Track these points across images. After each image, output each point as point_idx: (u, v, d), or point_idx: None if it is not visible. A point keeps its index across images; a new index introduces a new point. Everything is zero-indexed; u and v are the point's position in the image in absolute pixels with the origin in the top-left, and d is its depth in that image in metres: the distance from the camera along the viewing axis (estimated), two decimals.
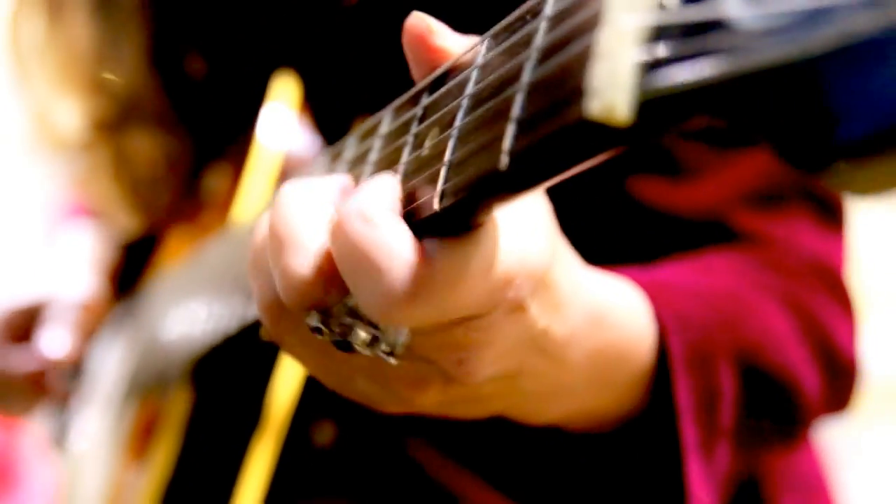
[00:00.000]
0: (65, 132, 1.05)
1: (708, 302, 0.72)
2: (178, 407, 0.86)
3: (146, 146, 1.04)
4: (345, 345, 0.51)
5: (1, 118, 1.38)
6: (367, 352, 0.50)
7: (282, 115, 0.90)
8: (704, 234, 0.81)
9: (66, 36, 1.02)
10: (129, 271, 1.19)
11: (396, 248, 0.46)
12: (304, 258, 0.50)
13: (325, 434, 0.87)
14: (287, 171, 0.88)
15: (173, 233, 1.12)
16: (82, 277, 1.17)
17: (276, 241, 0.51)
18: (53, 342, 1.11)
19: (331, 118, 0.91)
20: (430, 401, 0.56)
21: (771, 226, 0.81)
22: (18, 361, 1.11)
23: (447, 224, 0.47)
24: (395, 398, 0.56)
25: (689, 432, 0.68)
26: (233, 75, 1.01)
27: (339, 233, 0.48)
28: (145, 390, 0.99)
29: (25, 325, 1.14)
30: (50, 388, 1.13)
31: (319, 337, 0.51)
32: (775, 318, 0.76)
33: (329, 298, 0.50)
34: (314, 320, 0.51)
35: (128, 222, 1.09)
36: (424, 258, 0.46)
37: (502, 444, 0.82)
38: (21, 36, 1.05)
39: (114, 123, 1.04)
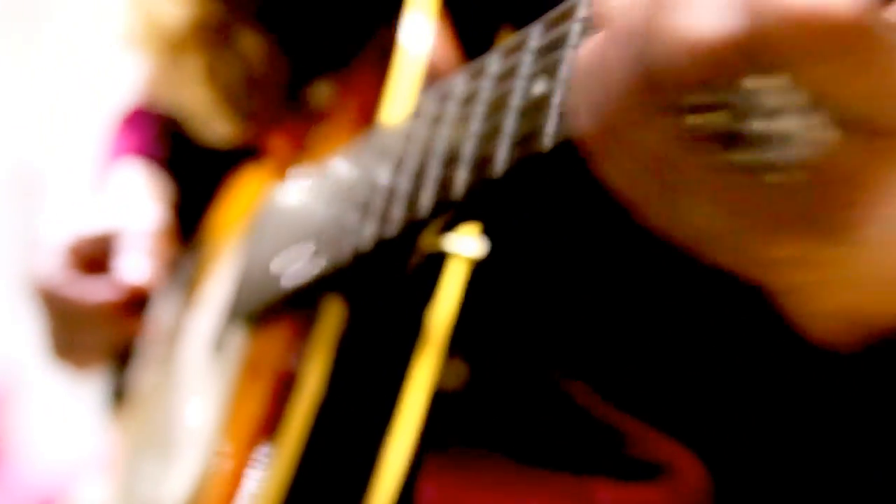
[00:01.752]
0: (168, 29, 0.99)
1: None
2: (329, 324, 0.79)
3: (247, 49, 0.98)
4: (732, 139, 0.40)
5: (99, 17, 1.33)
6: (754, 156, 0.41)
7: (421, 23, 0.83)
8: None
9: None
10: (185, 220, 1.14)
11: None
12: (704, 13, 0.40)
13: (454, 376, 0.79)
14: (431, 81, 0.81)
15: (250, 169, 1.06)
16: (148, 208, 1.10)
17: None
18: (133, 267, 1.03)
19: (473, 28, 0.84)
20: (787, 254, 0.45)
21: None
22: (94, 289, 1.04)
23: None
24: (743, 240, 0.45)
25: None
26: None
27: None
28: (264, 314, 0.91)
29: (94, 255, 1.07)
30: (129, 321, 1.06)
31: (694, 122, 0.41)
32: None
33: (731, 70, 0.40)
34: (702, 98, 0.41)
35: (221, 129, 1.02)
36: None
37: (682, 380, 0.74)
38: None
39: (217, 24, 0.98)
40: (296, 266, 0.86)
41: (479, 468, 0.77)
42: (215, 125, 1.02)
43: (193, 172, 1.14)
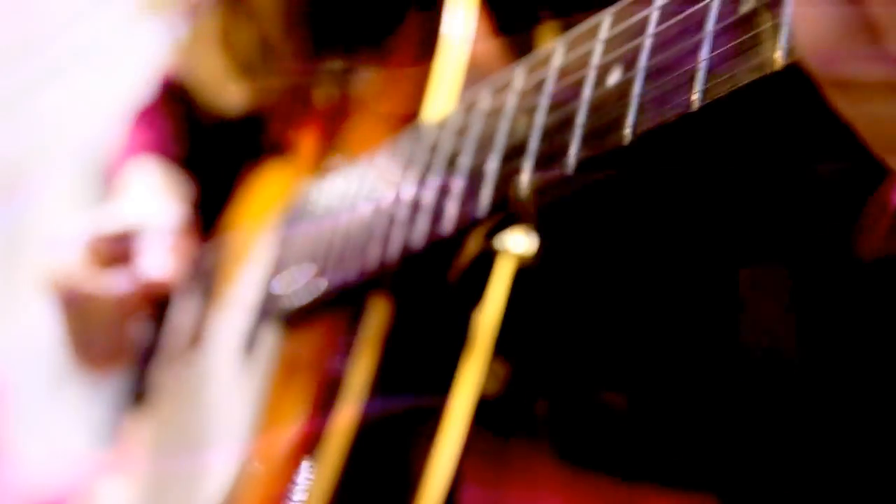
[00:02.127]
0: None
1: None
2: (376, 324, 0.76)
3: (262, 9, 0.96)
4: None
5: None
6: None
7: (462, 15, 0.81)
8: None
9: None
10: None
11: None
12: None
13: (493, 380, 0.76)
14: (473, 72, 0.78)
15: (272, 164, 1.03)
16: (167, 205, 1.08)
17: None
18: (155, 264, 1.01)
19: (513, 20, 0.82)
20: None
21: None
22: (115, 282, 1.01)
23: None
24: None
25: None
26: None
27: None
28: (299, 314, 0.88)
29: (114, 254, 1.04)
30: (144, 318, 1.03)
31: None
32: None
33: None
34: None
35: (235, 96, 1.00)
36: None
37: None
38: None
39: None
40: (296, 286, 0.84)
41: (523, 468, 0.75)
42: (229, 92, 1.01)
43: (210, 169, 1.11)
